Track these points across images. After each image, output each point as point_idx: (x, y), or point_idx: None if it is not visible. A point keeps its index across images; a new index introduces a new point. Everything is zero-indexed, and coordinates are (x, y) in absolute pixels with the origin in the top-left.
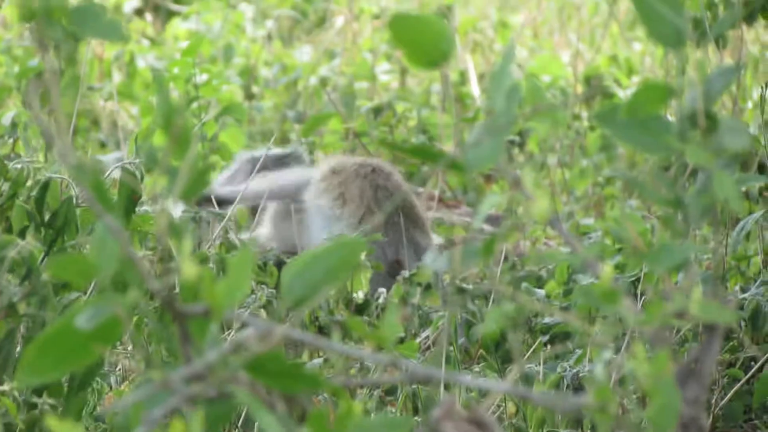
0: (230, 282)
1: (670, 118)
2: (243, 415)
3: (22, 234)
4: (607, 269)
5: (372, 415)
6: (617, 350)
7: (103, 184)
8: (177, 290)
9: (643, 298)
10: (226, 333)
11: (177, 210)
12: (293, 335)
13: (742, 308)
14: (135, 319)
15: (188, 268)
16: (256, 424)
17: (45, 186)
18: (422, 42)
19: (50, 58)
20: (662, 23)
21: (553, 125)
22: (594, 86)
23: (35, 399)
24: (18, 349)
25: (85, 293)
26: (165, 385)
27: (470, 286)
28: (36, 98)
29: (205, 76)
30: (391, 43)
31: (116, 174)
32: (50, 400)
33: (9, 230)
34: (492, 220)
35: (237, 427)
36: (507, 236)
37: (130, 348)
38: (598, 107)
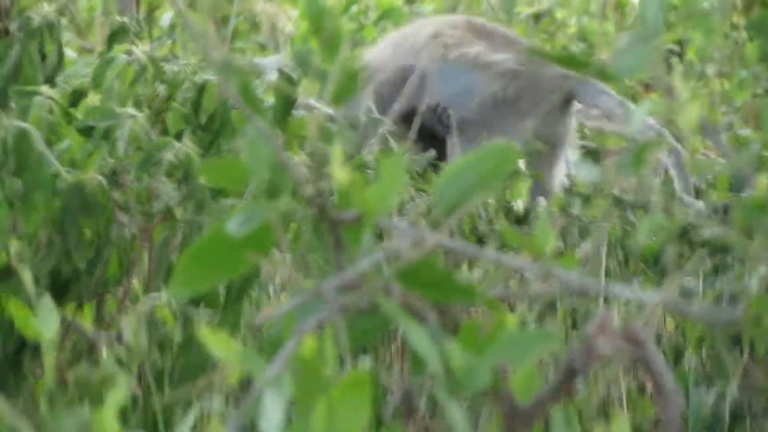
0: (382, 187)
1: None
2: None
3: (178, 137)
4: (763, 180)
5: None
6: None
7: (251, 85)
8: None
9: None
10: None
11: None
12: (446, 243)
13: None
14: (294, 226)
15: (339, 174)
16: None
17: (201, 88)
18: None
19: None
20: None
21: (707, 33)
22: None
23: (192, 311)
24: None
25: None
26: (317, 295)
27: (629, 196)
28: None
29: None
30: None
31: (273, 77)
32: (207, 312)
33: (165, 133)
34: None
35: (396, 339)
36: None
37: (288, 257)
38: (755, 16)
